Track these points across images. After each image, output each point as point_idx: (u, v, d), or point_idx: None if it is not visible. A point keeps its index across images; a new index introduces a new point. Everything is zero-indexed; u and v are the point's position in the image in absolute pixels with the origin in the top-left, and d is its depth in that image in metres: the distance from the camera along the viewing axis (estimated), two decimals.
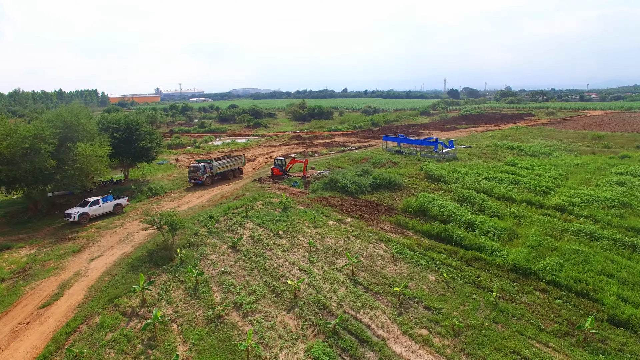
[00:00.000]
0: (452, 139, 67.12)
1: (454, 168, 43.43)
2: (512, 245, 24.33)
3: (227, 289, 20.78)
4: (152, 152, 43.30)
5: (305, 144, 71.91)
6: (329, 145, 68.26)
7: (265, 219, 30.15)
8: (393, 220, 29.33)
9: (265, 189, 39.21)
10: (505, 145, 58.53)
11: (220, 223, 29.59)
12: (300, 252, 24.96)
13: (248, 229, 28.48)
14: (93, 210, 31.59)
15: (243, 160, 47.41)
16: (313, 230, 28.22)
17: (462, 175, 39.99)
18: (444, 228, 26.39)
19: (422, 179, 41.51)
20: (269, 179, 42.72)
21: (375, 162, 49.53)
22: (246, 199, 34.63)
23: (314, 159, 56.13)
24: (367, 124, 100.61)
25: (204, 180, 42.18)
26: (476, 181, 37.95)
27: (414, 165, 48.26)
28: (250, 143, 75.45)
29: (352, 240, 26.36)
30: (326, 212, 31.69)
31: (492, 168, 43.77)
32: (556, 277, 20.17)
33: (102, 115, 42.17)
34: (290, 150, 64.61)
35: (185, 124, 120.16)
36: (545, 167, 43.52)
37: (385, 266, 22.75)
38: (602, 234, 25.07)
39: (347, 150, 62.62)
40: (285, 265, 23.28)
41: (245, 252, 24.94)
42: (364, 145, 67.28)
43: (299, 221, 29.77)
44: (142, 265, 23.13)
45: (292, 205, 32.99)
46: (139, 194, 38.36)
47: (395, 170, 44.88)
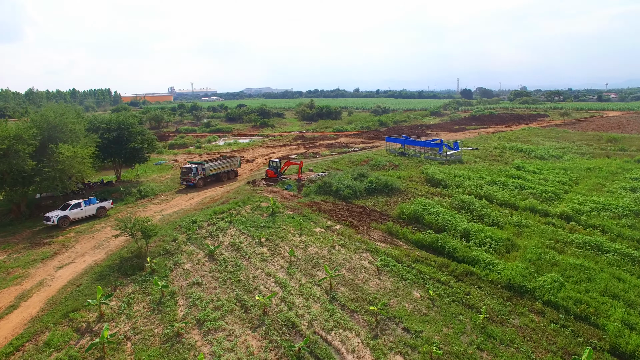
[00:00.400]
0: (459, 140, 64.78)
1: (457, 171, 41.31)
2: (508, 259, 22.31)
3: (193, 302, 19.30)
4: (144, 153, 42.21)
5: (308, 144, 70.34)
6: (331, 146, 66.58)
7: (250, 224, 28.65)
8: (384, 228, 27.51)
9: (258, 192, 37.74)
10: (513, 148, 55.98)
11: (202, 229, 28.20)
12: (280, 262, 23.37)
13: (230, 236, 27.01)
14: (74, 213, 30.52)
15: (238, 161, 46.07)
16: (298, 238, 26.60)
17: (464, 180, 37.88)
18: (436, 238, 24.48)
19: (422, 183, 39.54)
20: (263, 182, 41.24)
21: (375, 165, 47.68)
22: (234, 203, 33.21)
23: (314, 160, 54.55)
24: (375, 124, 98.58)
25: (196, 182, 40.93)
26: (478, 186, 35.82)
27: (416, 168, 46.25)
28: (253, 143, 74.22)
29: (337, 249, 24.65)
30: (315, 218, 30.04)
31: (497, 172, 41.51)
32: (554, 297, 18.13)
33: (92, 116, 41.28)
34: (291, 151, 63.14)
35: (193, 123, 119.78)
36: (553, 171, 41.07)
37: (368, 280, 20.99)
38: (610, 247, 22.83)
39: (349, 152, 60.84)
40: (261, 277, 21.71)
41: (221, 262, 23.45)
42: (367, 147, 65.39)
43: (285, 228, 28.19)
44: (110, 275, 21.82)
45: (280, 211, 31.44)
46: (127, 196, 37.27)
47: (395, 173, 42.98)
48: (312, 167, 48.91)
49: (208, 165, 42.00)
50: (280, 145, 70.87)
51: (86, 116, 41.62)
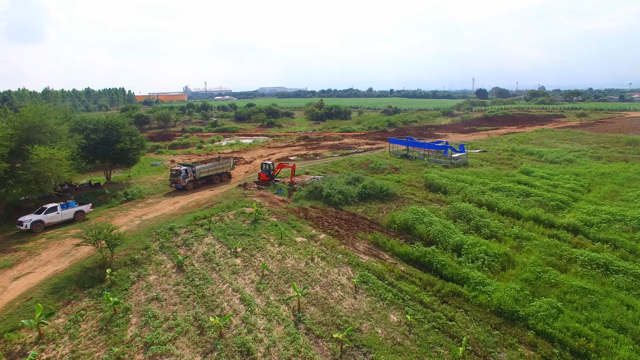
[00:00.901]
0: (468, 142, 61.95)
1: (460, 176, 38.80)
2: (503, 278, 19.95)
3: (146, 321, 17.57)
4: (133, 155, 40.85)
5: (310, 145, 68.40)
6: (334, 148, 64.49)
7: (229, 232, 26.88)
8: (370, 239, 25.37)
9: (247, 195, 35.97)
10: (524, 150, 52.98)
11: (178, 236, 26.53)
12: (252, 275, 21.49)
13: (205, 245, 25.27)
14: (49, 217, 29.24)
15: (231, 163, 44.40)
16: (277, 248, 24.70)
17: (466, 185, 35.41)
18: (424, 252, 22.24)
19: (421, 188, 37.20)
20: (254, 185, 39.46)
21: (375, 167, 45.44)
22: (219, 208, 31.50)
23: (313, 162, 52.57)
24: (384, 124, 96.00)
25: (186, 184, 39.41)
26: (480, 192, 33.36)
27: (417, 171, 43.85)
28: (255, 144, 72.67)
29: (315, 262, 22.64)
30: (300, 226, 28.08)
31: (503, 177, 38.84)
32: (549, 326, 15.77)
33: (81, 116, 40.17)
34: (293, 152, 61.31)
35: (201, 122, 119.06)
36: (564, 177, 38.21)
37: (342, 300, 18.93)
38: (620, 266, 20.23)
39: (352, 153, 58.68)
40: (227, 293, 19.87)
41: (189, 274, 21.71)
42: (371, 148, 63.09)
43: (265, 237, 26.32)
44: (66, 287, 20.28)
45: (264, 217, 29.60)
46: (112, 199, 35.98)
47: (395, 177, 40.72)
48: (310, 169, 46.98)
49: (198, 168, 40.44)
50: (283, 146, 69.12)
51: (74, 116, 40.48)
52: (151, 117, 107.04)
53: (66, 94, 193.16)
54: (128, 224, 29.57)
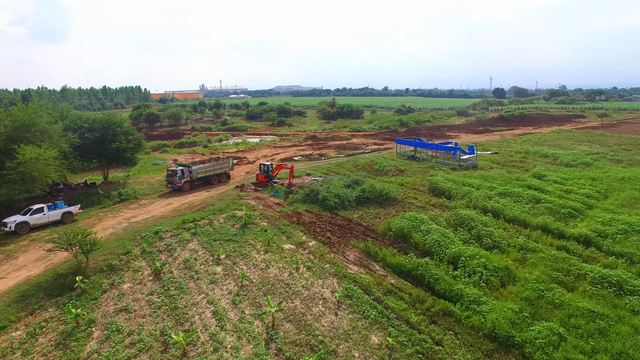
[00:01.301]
0: (480, 142, 59.51)
1: (467, 179, 36.72)
2: (501, 295, 18.10)
3: (109, 335, 16.39)
4: (129, 154, 39.99)
5: (317, 145, 66.91)
6: (341, 148, 62.83)
7: (215, 237, 25.63)
8: (362, 247, 23.72)
9: (242, 197, 34.69)
10: (538, 152, 50.35)
11: (162, 240, 25.39)
12: (230, 286, 20.15)
13: (188, 250, 24.05)
14: (35, 219, 28.50)
15: (231, 164, 43.25)
16: (262, 255, 23.31)
17: (473, 190, 33.37)
18: (417, 264, 20.49)
19: (425, 192, 35.32)
20: (251, 187, 38.17)
21: (379, 169, 43.64)
22: (210, 211, 30.31)
23: (317, 163, 51.05)
24: (395, 124, 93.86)
25: (182, 185, 38.43)
26: (487, 198, 31.34)
27: (424, 173, 41.89)
28: (261, 143, 71.56)
29: (300, 272, 21.16)
30: (290, 231, 26.63)
31: (513, 181, 36.61)
32: (548, 356, 13.92)
33: (77, 114, 39.56)
34: (297, 152, 59.92)
35: (212, 121, 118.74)
36: (579, 182, 35.77)
37: (322, 316, 17.39)
38: (636, 286, 18.12)
39: (358, 154, 56.95)
40: (201, 305, 18.57)
41: (165, 282, 20.51)
42: (379, 149, 61.22)
43: (252, 242, 24.97)
44: (34, 295, 19.29)
45: (254, 221, 28.25)
46: (105, 200, 35.19)
47: (398, 180, 38.89)
48: (312, 170, 45.49)
49: (195, 168, 39.39)
50: (289, 145, 67.80)
51: (71, 115, 39.87)
52: (162, 115, 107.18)
53: (83, 92, 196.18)
54: (115, 227, 28.62)
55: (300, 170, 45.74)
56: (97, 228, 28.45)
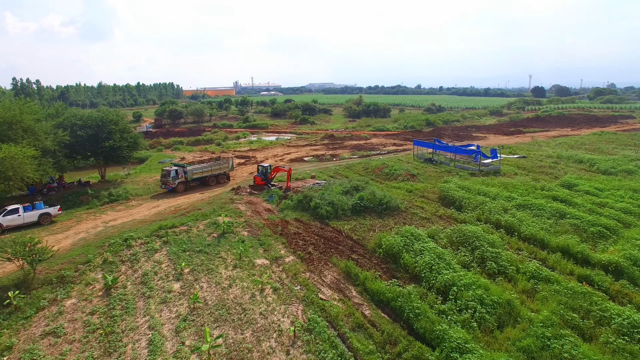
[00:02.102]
0: (508, 145, 54.50)
1: (483, 187, 32.65)
2: (494, 341, 14.54)
3: None
4: (124, 153, 38.44)
5: (333, 145, 63.83)
6: (357, 148, 59.45)
7: (186, 247, 23.28)
8: (343, 267, 20.61)
9: (234, 201, 32.29)
10: (572, 157, 45.03)
11: (129, 249, 23.29)
12: (182, 307, 17.65)
13: (151, 262, 21.79)
14: (8, 220, 27.23)
15: (231, 164, 41.01)
16: (229, 271, 20.70)
17: (487, 200, 29.41)
18: (398, 294, 17.18)
19: (434, 201, 31.67)
20: (247, 189, 35.71)
21: (389, 173, 40.15)
22: (192, 216, 28.04)
23: (327, 164, 48.05)
24: (421, 124, 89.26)
25: (175, 186, 36.54)
26: (502, 210, 27.40)
27: (438, 179, 38.06)
28: (276, 142, 69.20)
29: (264, 295, 18.38)
30: (270, 243, 23.90)
31: (537, 190, 32.23)
32: None
33: (71, 112, 38.43)
34: (310, 152, 57.13)
35: (236, 118, 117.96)
36: (617, 193, 30.96)
37: (270, 355, 14.52)
38: None
39: (373, 155, 53.47)
40: (140, 331, 16.15)
41: (114, 299, 18.30)
42: (396, 150, 57.39)
43: (224, 255, 22.41)
44: None
45: (235, 230, 25.72)
46: (93, 200, 33.73)
47: (407, 186, 35.32)
48: (319, 172, 42.56)
49: (190, 169, 37.38)
50: (303, 144, 65.10)
51: (67, 112, 38.80)
52: (185, 111, 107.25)
53: (118, 88, 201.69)
54: (89, 231, 26.88)
55: (306, 172, 42.97)
56: (71, 232, 26.84)
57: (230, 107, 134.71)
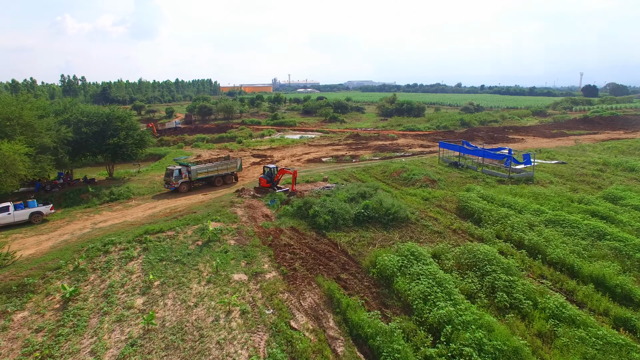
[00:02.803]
0: (547, 149, 49.41)
1: (509, 198, 28.80)
2: None
3: None
4: (129, 151, 37.41)
5: (356, 145, 60.80)
6: (381, 149, 56.13)
7: (164, 256, 21.48)
8: (327, 289, 17.92)
9: (234, 204, 30.37)
10: (622, 164, 39.68)
11: (106, 255, 21.75)
12: (136, 329, 15.68)
13: (123, 271, 20.09)
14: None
15: (239, 164, 39.12)
16: (201, 287, 18.61)
17: (512, 213, 25.69)
18: (377, 331, 14.29)
19: (451, 211, 28.29)
20: (251, 192, 33.64)
21: (407, 178, 36.87)
22: (183, 220, 26.32)
23: (344, 166, 45.29)
24: (455, 124, 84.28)
25: (178, 186, 35.10)
26: (528, 226, 23.69)
27: (461, 186, 34.46)
28: (299, 141, 66.97)
29: (230, 318, 16.08)
30: (255, 255, 21.64)
31: (574, 203, 28.02)
32: None
33: (78, 108, 37.59)
34: (329, 152, 54.48)
35: (266, 115, 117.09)
36: None
37: None
38: None
39: (397, 157, 50.12)
40: (80, 356, 14.28)
41: (67, 314, 16.66)
42: (422, 152, 53.61)
43: (201, 267, 20.36)
44: None
45: (222, 238, 23.65)
46: (93, 199, 32.84)
47: (424, 193, 32.06)
48: (333, 175, 39.89)
49: (194, 168, 35.82)
50: (326, 144, 62.48)
51: (76, 108, 38.09)
52: (214, 108, 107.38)
53: (157, 85, 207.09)
54: (73, 233, 25.72)
55: (319, 174, 40.45)
56: (57, 233, 25.80)
57: (262, 104, 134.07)
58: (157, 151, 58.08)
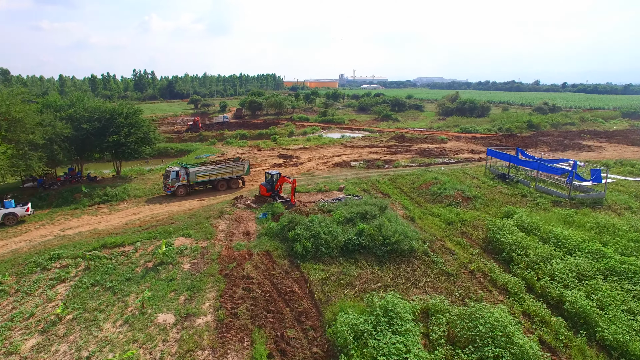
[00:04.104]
0: (630, 161, 39.64)
1: (559, 229, 21.66)
2: None
3: None
4: (130, 149, 35.02)
5: (397, 148, 54.53)
6: (423, 154, 49.42)
7: (100, 280, 18.20)
8: (257, 354, 13.16)
9: (222, 215, 26.69)
10: None
11: (45, 272, 19.06)
12: None
13: (44, 297, 17.08)
14: None
15: (246, 167, 35.24)
16: (113, 328, 14.94)
17: (558, 254, 18.95)
18: None
19: (476, 242, 22.07)
20: (248, 201, 29.66)
21: (437, 192, 30.67)
22: (151, 234, 23.20)
23: (370, 172, 39.77)
24: (520, 126, 73.98)
25: (175, 189, 32.14)
26: (577, 276, 17.04)
27: (502, 206, 27.65)
28: (336, 140, 61.95)
29: None
30: (202, 288, 17.54)
31: None
32: None
33: (83, 104, 35.70)
34: (363, 155, 49.04)
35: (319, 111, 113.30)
36: None
37: None
38: None
39: (436, 164, 43.38)
40: None
41: None
42: (470, 159, 46.15)
43: (130, 299, 16.68)
44: None
45: (178, 261, 19.83)
46: (84, 199, 30.91)
47: (451, 214, 26.01)
48: (353, 184, 34.75)
49: (194, 170, 32.58)
50: (364, 145, 56.84)
51: (80, 104, 36.32)
52: (264, 103, 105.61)
53: (221, 79, 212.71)
54: (32, 241, 23.48)
55: (339, 181, 35.54)
56: (14, 240, 23.81)
57: (316, 99, 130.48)
58: (187, 147, 56.60)
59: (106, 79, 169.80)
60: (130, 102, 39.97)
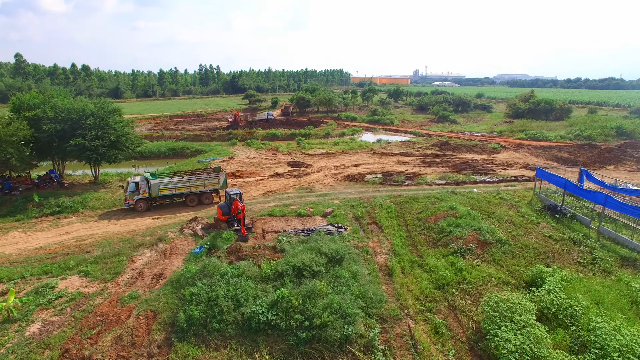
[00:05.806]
0: None
1: (611, 331, 13.04)
2: None
3: None
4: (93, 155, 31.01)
5: (434, 158, 45.66)
6: (461, 168, 40.24)
7: None
8: None
9: (159, 242, 21.61)
10: None
11: None
12: None
13: None
14: None
15: (221, 180, 29.57)
16: None
17: None
18: None
19: (466, 331, 14.25)
20: (201, 224, 24.06)
21: (443, 231, 22.65)
22: (41, 267, 18.73)
23: (382, 191, 32.23)
24: (606, 133, 60.15)
25: (134, 203, 27.59)
26: None
27: (534, 261, 19.13)
28: (365, 145, 54.22)
29: None
30: None
31: None
32: None
33: (55, 102, 31.89)
34: (386, 167, 41.11)
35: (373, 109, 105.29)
36: None
37: None
38: None
39: (473, 182, 34.53)
40: None
41: None
42: (520, 177, 36.23)
43: None
44: None
45: (28, 318, 14.79)
46: (32, 209, 27.55)
47: (448, 271, 18.57)
48: (348, 207, 27.85)
49: (155, 182, 27.65)
50: (394, 153, 48.45)
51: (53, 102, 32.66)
52: (312, 100, 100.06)
53: (286, 74, 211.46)
54: None
55: (335, 202, 28.78)
56: None
57: (373, 97, 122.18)
58: (204, 147, 52.83)
59: (173, 73, 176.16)
60: (107, 100, 35.95)
